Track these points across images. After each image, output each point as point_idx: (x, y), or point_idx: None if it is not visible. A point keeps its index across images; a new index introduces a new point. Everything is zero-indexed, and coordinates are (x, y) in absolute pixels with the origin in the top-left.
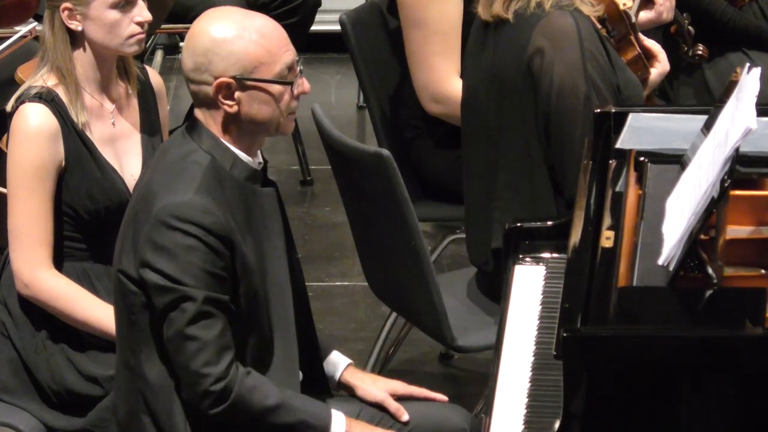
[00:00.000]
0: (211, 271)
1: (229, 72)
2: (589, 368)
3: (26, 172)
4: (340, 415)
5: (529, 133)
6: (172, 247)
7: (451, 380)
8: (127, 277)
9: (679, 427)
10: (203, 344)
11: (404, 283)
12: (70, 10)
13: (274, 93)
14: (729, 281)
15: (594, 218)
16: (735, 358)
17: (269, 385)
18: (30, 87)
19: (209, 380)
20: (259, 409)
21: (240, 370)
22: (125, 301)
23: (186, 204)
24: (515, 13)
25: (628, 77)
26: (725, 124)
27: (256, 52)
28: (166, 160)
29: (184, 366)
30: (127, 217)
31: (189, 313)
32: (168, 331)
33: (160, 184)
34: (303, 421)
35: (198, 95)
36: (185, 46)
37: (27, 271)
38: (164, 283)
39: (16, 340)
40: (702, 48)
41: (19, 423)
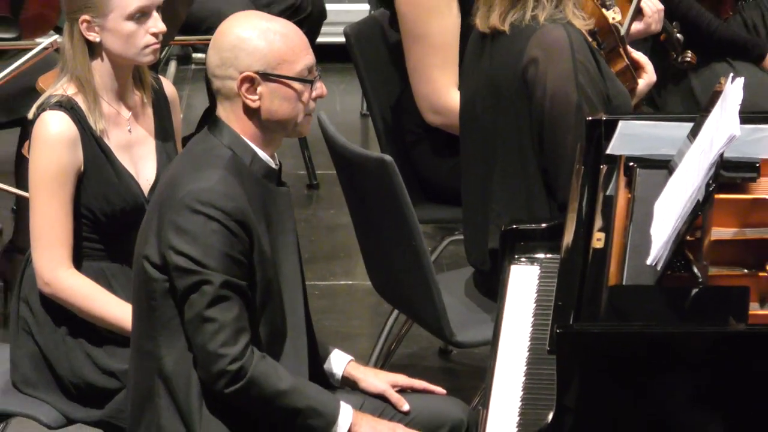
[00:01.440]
0: (231, 254)
1: (253, 67)
2: (581, 363)
3: (47, 177)
4: (348, 407)
5: (523, 139)
6: (194, 230)
7: (449, 374)
8: (149, 262)
9: (666, 419)
10: (221, 326)
11: (405, 282)
12: (89, 22)
13: (295, 90)
14: (714, 280)
15: (586, 220)
16: (720, 354)
17: (283, 370)
18: (50, 96)
19: (226, 360)
20: (271, 392)
21: (255, 353)
22: (146, 287)
23: (209, 189)
24: (511, 25)
25: (617, 87)
26: (710, 131)
27: (280, 50)
28: (190, 154)
29: (202, 346)
30: (152, 206)
31: (208, 296)
32: (188, 312)
33: (184, 174)
34: (312, 407)
35: (221, 91)
36: (211, 45)
37: (48, 270)
38: (187, 265)
39: (38, 335)
40: (690, 54)
41: (41, 414)
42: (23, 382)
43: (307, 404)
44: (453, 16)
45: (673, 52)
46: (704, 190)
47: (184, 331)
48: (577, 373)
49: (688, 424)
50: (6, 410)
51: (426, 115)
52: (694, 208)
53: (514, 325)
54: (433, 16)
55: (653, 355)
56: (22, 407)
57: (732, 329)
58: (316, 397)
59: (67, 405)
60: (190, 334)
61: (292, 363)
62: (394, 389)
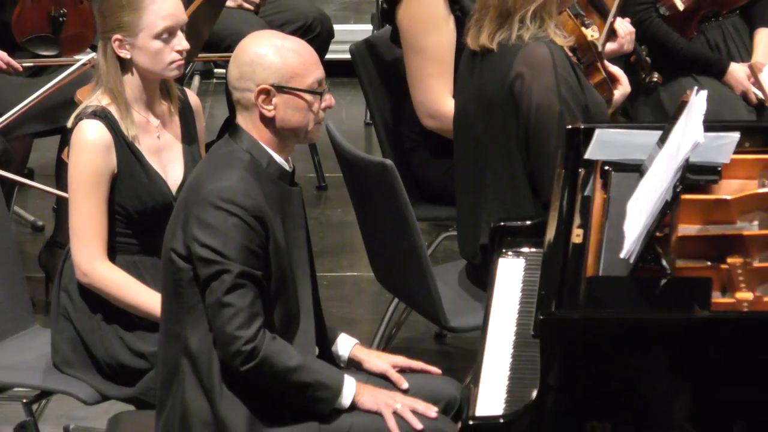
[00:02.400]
0: (248, 246)
1: (269, 80)
2: (562, 346)
3: (84, 179)
4: (352, 379)
5: (511, 145)
6: (216, 224)
7: (444, 356)
8: (176, 254)
9: (637, 395)
10: (237, 310)
11: (404, 273)
12: (120, 41)
13: (306, 101)
14: (680, 272)
15: (566, 218)
16: (686, 337)
17: (292, 349)
18: (87, 106)
19: (241, 342)
20: (282, 368)
21: (267, 334)
22: (173, 276)
23: (230, 188)
24: (499, 43)
25: (595, 98)
26: (677, 138)
27: (293, 65)
28: (213, 157)
29: (221, 329)
30: (179, 204)
31: (227, 283)
32: (209, 298)
33: (207, 174)
34: (319, 381)
35: (241, 101)
36: (232, 60)
37: (85, 262)
38: (209, 255)
39: (76, 321)
40: (657, 76)
41: (79, 391)
42: (63, 362)
43: (314, 378)
44: (449, 32)
45: (641, 72)
46: (672, 191)
47: (206, 315)
48: (558, 355)
49: (657, 399)
50: (48, 388)
51: (423, 120)
52: (663, 208)
53: (502, 312)
54: (431, 32)
55: (626, 338)
56: (63, 385)
57: (697, 315)
58: (323, 371)
59: (102, 383)
60: (210, 317)
61: (301, 344)
62: (394, 369)
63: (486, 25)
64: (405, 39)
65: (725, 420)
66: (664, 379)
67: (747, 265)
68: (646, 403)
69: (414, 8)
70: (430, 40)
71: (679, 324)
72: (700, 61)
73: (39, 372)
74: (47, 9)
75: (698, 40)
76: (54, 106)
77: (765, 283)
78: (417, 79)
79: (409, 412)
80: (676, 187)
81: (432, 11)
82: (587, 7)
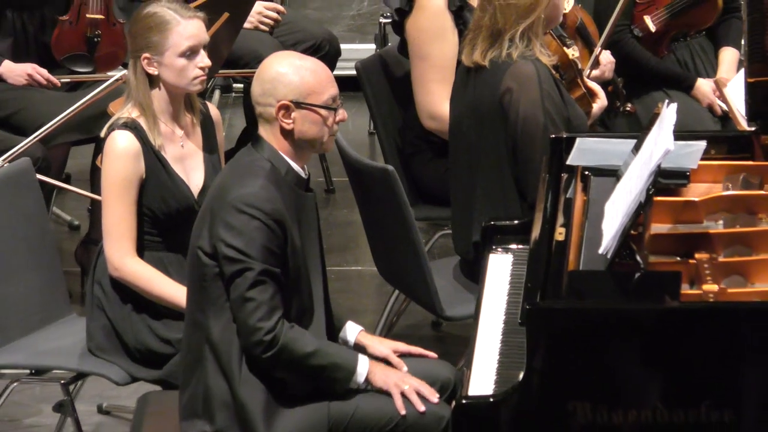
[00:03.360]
0: (269, 247)
1: (288, 96)
2: (546, 333)
3: (116, 183)
4: (365, 358)
5: (500, 152)
6: (240, 227)
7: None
8: (203, 251)
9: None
10: (259, 304)
11: (404, 268)
12: (149, 59)
13: (321, 115)
14: (653, 266)
15: (550, 218)
16: (658, 325)
17: (309, 336)
18: (119, 118)
19: (262, 332)
20: (300, 354)
21: (286, 324)
22: (199, 272)
23: (253, 194)
24: (490, 61)
25: (576, 111)
26: (650, 146)
27: (310, 83)
28: (238, 165)
29: (244, 321)
30: (205, 206)
31: (249, 280)
32: (233, 293)
33: (232, 181)
34: (335, 363)
35: (263, 115)
36: (255, 77)
37: (116, 258)
38: (233, 254)
39: (108, 311)
40: (630, 106)
41: (111, 373)
42: (97, 348)
43: (330, 361)
44: (452, 43)
45: (617, 101)
46: (645, 194)
47: (228, 307)
48: (543, 341)
49: (631, 381)
50: (83, 370)
51: (424, 121)
52: (637, 208)
53: (493, 302)
54: (436, 41)
55: (604, 326)
56: (96, 368)
57: (668, 306)
58: (337, 354)
59: (132, 366)
60: (234, 311)
61: (314, 332)
62: (395, 354)
63: (479, 44)
64: (412, 47)
65: (693, 399)
66: (638, 362)
67: (713, 260)
68: (621, 384)
69: (421, 20)
70: (434, 49)
71: (651, 313)
72: (671, 77)
73: (75, 356)
74: (83, 30)
75: (669, 58)
76: (89, 117)
77: (729, 276)
78: (420, 83)
79: (414, 393)
80: (649, 190)
81: (438, 23)
82: (575, 36)
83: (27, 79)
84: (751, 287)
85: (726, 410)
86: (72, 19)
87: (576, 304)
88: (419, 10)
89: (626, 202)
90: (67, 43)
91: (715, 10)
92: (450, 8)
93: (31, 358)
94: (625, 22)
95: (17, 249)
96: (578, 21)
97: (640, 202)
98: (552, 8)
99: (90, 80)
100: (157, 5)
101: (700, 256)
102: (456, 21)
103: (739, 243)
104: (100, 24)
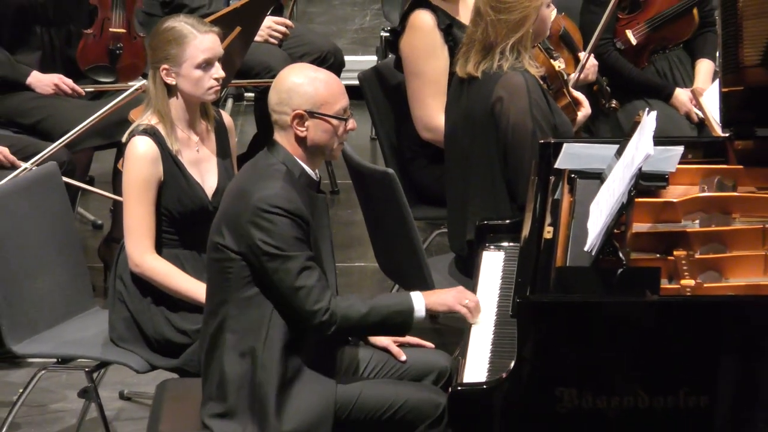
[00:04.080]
0: (299, 237)
1: (303, 106)
2: (535, 324)
3: (135, 185)
4: (417, 294)
5: (492, 157)
6: (270, 226)
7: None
8: (225, 247)
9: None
10: (309, 290)
11: (404, 264)
12: (167, 70)
13: (332, 125)
14: (634, 262)
15: (539, 218)
16: (639, 317)
17: (357, 300)
18: (139, 124)
19: (320, 314)
20: (358, 318)
21: (336, 298)
22: (221, 264)
23: (275, 195)
24: (483, 72)
25: (562, 118)
26: (632, 150)
27: (323, 94)
28: (255, 168)
29: (300, 308)
30: (224, 206)
31: (294, 271)
32: (281, 287)
33: (253, 184)
34: (392, 310)
35: (278, 122)
36: (272, 87)
37: (136, 255)
38: (272, 251)
39: (129, 304)
40: (615, 103)
41: (132, 362)
42: (118, 338)
43: (387, 311)
44: (443, 59)
45: (602, 99)
46: (627, 195)
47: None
48: (532, 332)
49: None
50: (106, 359)
51: (420, 132)
52: (620, 208)
53: (486, 296)
54: (428, 59)
55: (589, 318)
56: (118, 356)
57: (648, 299)
58: (390, 301)
59: (151, 355)
60: (287, 302)
61: None
62: (395, 344)
63: (472, 57)
64: (406, 65)
65: (672, 386)
66: (620, 352)
67: (690, 257)
68: (605, 372)
69: (414, 39)
70: (427, 66)
71: (633, 306)
72: (651, 86)
73: (98, 346)
74: (106, 43)
75: (649, 69)
76: (111, 124)
77: (705, 272)
78: (416, 98)
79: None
80: (630, 192)
81: (429, 41)
82: (558, 43)
83: (54, 89)
84: (726, 282)
85: (702, 396)
86: (96, 32)
87: (563, 298)
88: (411, 30)
89: (609, 203)
90: (91, 55)
91: (692, 24)
92: (439, 27)
93: (57, 348)
94: (608, 35)
95: (45, 246)
96: (561, 29)
97: (622, 202)
98: (539, 23)
99: (112, 89)
100: (176, 20)
101: (678, 253)
102: (445, 38)
103: (715, 241)
104: (121, 37)
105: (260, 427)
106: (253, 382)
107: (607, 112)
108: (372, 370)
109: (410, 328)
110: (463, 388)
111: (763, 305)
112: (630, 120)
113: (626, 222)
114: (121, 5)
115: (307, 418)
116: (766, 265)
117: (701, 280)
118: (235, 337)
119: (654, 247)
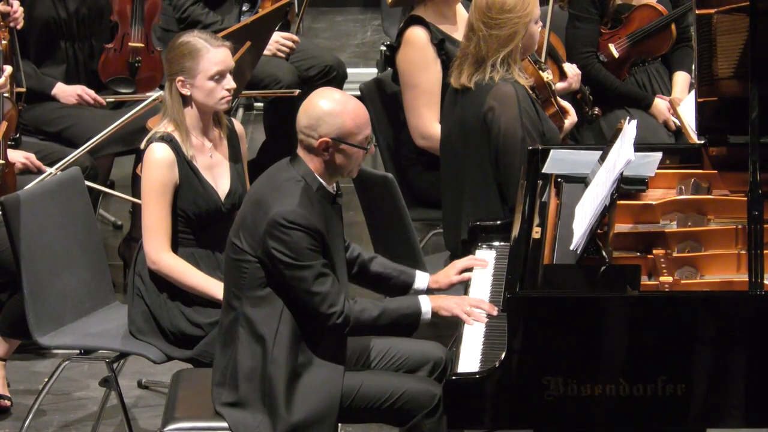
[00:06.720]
0: (314, 248)
1: (330, 134)
2: (524, 318)
3: (153, 189)
4: (425, 298)
5: (484, 162)
6: (286, 238)
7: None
8: (242, 250)
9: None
10: (324, 294)
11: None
12: (183, 81)
13: (353, 153)
14: (616, 260)
15: (528, 219)
16: (620, 311)
17: (370, 303)
18: (156, 132)
19: (335, 317)
20: (370, 320)
21: (349, 302)
22: (238, 263)
23: (292, 212)
24: (475, 83)
25: (550, 126)
26: (614, 156)
27: (350, 125)
28: (275, 179)
29: (317, 311)
30: (243, 212)
31: (310, 278)
32: (298, 292)
33: (272, 197)
34: (401, 314)
35: (304, 142)
36: (302, 109)
37: (154, 253)
38: (289, 260)
39: (147, 299)
40: (597, 110)
41: (149, 353)
42: (137, 331)
43: (397, 314)
44: (437, 71)
45: (585, 106)
46: (609, 198)
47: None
48: (521, 325)
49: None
50: (125, 350)
51: (416, 140)
52: (603, 210)
53: (478, 292)
54: (423, 71)
55: (574, 312)
56: (137, 348)
57: (629, 294)
58: (400, 305)
59: (167, 347)
60: (304, 305)
61: None
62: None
63: (465, 69)
64: (402, 77)
65: (651, 375)
66: (603, 343)
67: (668, 255)
68: (589, 362)
69: (409, 53)
70: (421, 78)
71: (615, 301)
72: (631, 97)
73: (118, 338)
74: (126, 57)
75: (629, 80)
76: (130, 132)
77: (682, 269)
78: (411, 108)
79: (475, 310)
80: (613, 195)
81: (423, 55)
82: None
83: (77, 99)
84: (701, 279)
85: (679, 384)
86: (116, 47)
87: (550, 293)
88: (407, 45)
89: (593, 205)
90: (111, 67)
91: (670, 39)
92: (433, 42)
93: (80, 340)
94: (592, 49)
95: (69, 245)
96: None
97: (605, 205)
98: (528, 38)
99: (131, 100)
100: (191, 35)
101: (657, 252)
102: (438, 52)
103: (691, 240)
104: (140, 51)
105: (270, 417)
106: (264, 375)
107: (590, 119)
108: (372, 361)
109: (417, 329)
110: (457, 377)
111: (735, 300)
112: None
113: (609, 223)
114: (140, 21)
115: (314, 409)
116: (739, 262)
117: (678, 277)
118: (247, 331)
119: (634, 246)
